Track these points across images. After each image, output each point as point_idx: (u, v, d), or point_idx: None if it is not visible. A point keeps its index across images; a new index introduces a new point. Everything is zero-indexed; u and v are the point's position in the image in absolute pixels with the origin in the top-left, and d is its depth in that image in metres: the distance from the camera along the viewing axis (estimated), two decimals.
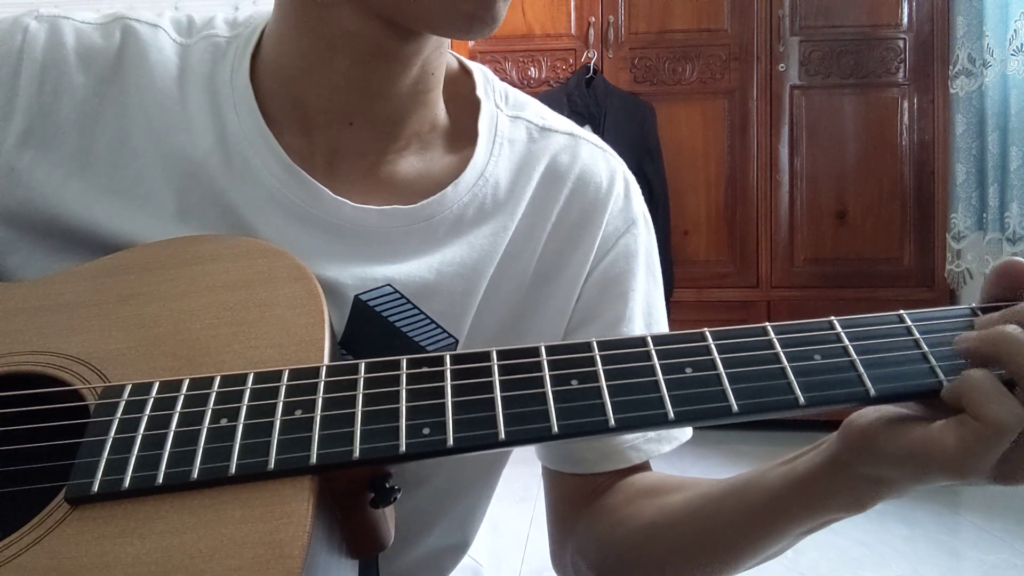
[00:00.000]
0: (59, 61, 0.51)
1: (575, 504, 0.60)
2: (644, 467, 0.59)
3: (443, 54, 0.54)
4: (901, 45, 2.71)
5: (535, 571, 1.66)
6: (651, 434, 0.58)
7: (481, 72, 0.60)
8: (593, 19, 2.77)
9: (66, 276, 0.47)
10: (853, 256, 2.72)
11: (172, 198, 0.51)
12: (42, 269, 0.49)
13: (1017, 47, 2.31)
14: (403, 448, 0.36)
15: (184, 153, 0.51)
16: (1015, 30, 2.31)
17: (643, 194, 0.63)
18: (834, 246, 2.73)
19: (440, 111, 0.56)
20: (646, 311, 0.60)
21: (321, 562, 0.35)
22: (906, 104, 2.71)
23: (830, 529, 0.43)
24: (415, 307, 0.52)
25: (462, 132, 0.57)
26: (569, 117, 0.64)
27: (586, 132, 0.62)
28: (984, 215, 2.45)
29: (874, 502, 0.40)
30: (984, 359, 0.36)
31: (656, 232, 0.65)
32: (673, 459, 0.60)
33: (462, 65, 0.60)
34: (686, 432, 0.61)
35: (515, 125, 0.58)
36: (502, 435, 0.36)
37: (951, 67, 2.59)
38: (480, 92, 0.58)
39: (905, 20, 2.71)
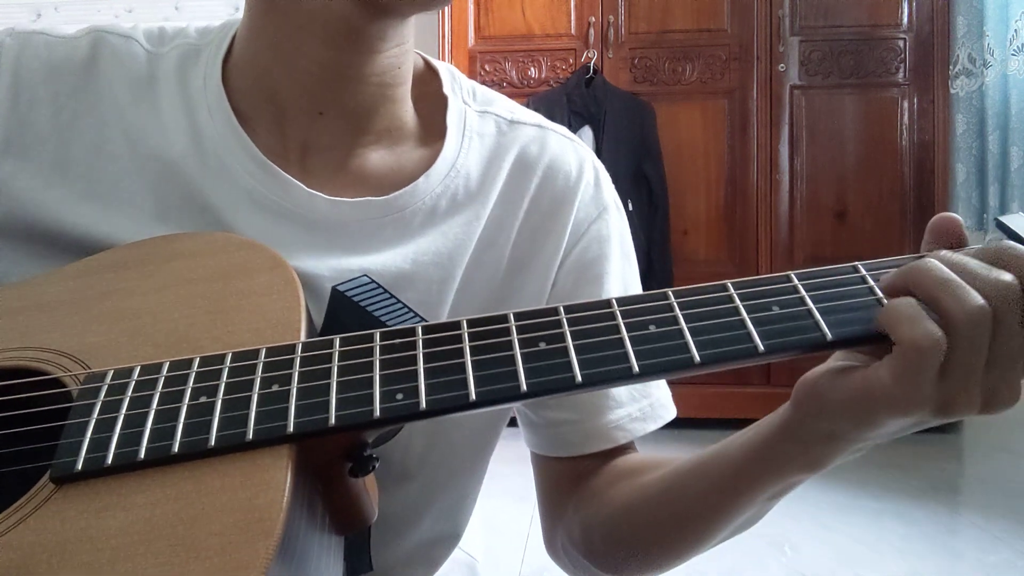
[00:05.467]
0: (33, 74, 0.53)
1: (563, 489, 0.60)
2: (629, 449, 0.60)
3: (408, 52, 0.55)
4: (901, 45, 2.71)
5: (535, 571, 1.66)
6: (635, 413, 0.59)
7: (447, 70, 0.61)
8: (593, 19, 2.77)
9: (47, 278, 0.48)
10: (853, 256, 2.68)
11: (150, 200, 0.52)
12: (27, 274, 0.50)
13: (1017, 47, 2.31)
14: (377, 413, 0.36)
15: (160, 156, 0.52)
16: (1015, 30, 2.31)
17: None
18: (834, 246, 2.73)
19: (408, 110, 0.58)
20: (623, 292, 0.61)
21: (302, 530, 0.36)
22: (906, 104, 2.71)
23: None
24: (392, 296, 0.53)
25: (431, 128, 0.58)
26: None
27: (554, 124, 0.64)
28: (984, 215, 2.45)
29: (830, 459, 0.40)
30: (899, 291, 0.37)
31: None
32: (666, 453, 0.60)
33: (428, 64, 0.61)
34: (669, 411, 0.61)
35: (484, 119, 0.60)
36: (472, 396, 0.37)
37: (951, 67, 2.59)
38: (447, 89, 0.59)
39: (905, 20, 2.70)
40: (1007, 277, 0.35)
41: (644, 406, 0.59)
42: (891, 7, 2.70)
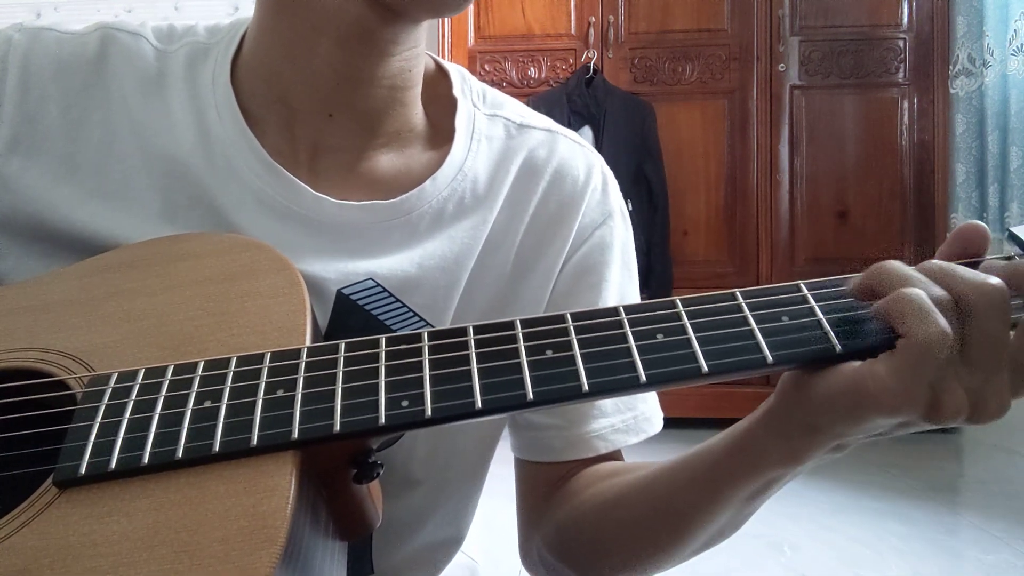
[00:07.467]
0: (43, 70, 0.53)
1: (542, 494, 0.60)
2: (613, 457, 0.59)
3: (419, 55, 0.55)
4: (901, 45, 2.71)
5: None
6: (619, 424, 0.58)
7: (458, 72, 0.61)
8: (593, 19, 2.77)
9: (53, 277, 0.48)
10: (854, 256, 2.72)
11: (157, 199, 0.52)
12: (33, 273, 0.50)
13: (1017, 47, 2.31)
14: (383, 420, 0.36)
15: (168, 155, 0.52)
16: (1015, 30, 2.32)
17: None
18: (835, 246, 2.74)
19: (418, 113, 0.57)
20: (619, 302, 0.60)
21: (306, 537, 0.36)
22: (906, 104, 2.71)
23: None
24: (398, 300, 0.53)
25: (440, 131, 0.58)
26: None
27: (565, 129, 0.63)
28: (984, 215, 2.45)
29: (809, 453, 0.39)
30: (865, 292, 0.37)
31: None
32: (661, 455, 0.60)
33: (439, 66, 0.61)
34: (655, 425, 0.61)
35: (493, 123, 0.59)
36: (479, 404, 0.36)
37: (951, 67, 2.59)
38: (457, 92, 0.59)
39: (905, 20, 2.71)
40: (993, 280, 0.35)
41: (628, 418, 0.59)
42: (891, 7, 2.71)
